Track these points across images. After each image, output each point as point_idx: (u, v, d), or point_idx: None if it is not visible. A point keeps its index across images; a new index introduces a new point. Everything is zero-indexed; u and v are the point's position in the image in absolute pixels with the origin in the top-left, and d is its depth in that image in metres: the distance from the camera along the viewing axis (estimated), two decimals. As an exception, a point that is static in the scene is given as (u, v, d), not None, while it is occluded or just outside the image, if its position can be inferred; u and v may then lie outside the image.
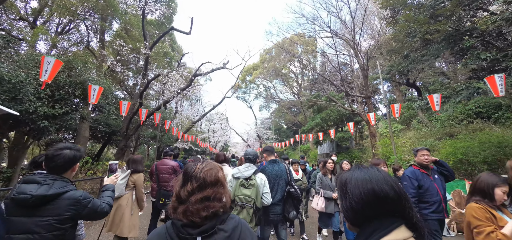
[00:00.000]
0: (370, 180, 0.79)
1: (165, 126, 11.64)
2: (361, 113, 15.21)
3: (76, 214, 1.51)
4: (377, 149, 14.29)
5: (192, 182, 1.03)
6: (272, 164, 3.20)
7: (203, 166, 1.08)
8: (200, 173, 1.05)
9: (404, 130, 17.41)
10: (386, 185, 0.77)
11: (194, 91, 19.00)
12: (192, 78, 11.75)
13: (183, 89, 11.75)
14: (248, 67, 29.51)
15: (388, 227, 0.73)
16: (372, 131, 14.67)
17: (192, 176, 1.05)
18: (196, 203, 0.97)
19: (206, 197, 1.00)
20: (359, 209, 0.79)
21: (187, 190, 1.01)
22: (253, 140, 35.77)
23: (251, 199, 2.55)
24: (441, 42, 7.15)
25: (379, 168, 0.88)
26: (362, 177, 0.82)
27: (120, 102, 7.96)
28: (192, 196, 1.00)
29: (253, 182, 2.66)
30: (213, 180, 1.05)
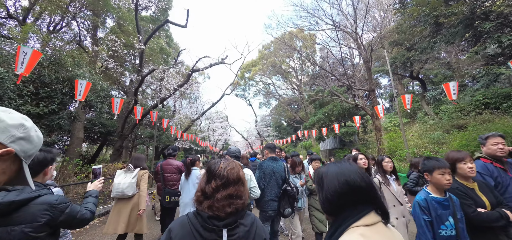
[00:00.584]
0: (343, 173, 0.89)
1: (163, 124, 11.04)
2: (365, 107, 14.67)
3: (52, 220, 1.37)
4: (382, 143, 13.75)
5: (216, 180, 1.08)
6: (271, 161, 3.25)
7: (226, 164, 1.14)
8: (224, 171, 1.10)
9: (408, 123, 16.89)
10: (357, 177, 0.86)
11: (192, 89, 18.38)
12: (189, 74, 11.13)
13: (180, 85, 11.12)
14: (247, 64, 28.85)
15: (359, 214, 0.82)
16: (377, 125, 14.12)
17: (216, 174, 1.10)
18: (222, 199, 1.04)
19: (230, 195, 1.06)
20: (334, 200, 0.87)
21: (212, 186, 1.07)
22: (253, 138, 35.23)
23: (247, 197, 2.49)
24: (457, 26, 6.59)
25: (351, 162, 0.97)
26: (336, 171, 0.91)
27: (112, 99, 7.35)
28: (218, 192, 1.05)
29: None
30: (235, 179, 1.11)
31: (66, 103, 6.59)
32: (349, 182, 0.85)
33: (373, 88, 14.55)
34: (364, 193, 0.85)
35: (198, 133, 30.38)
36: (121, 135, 10.52)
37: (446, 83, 6.69)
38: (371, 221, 0.81)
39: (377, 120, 14.30)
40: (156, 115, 9.90)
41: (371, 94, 14.51)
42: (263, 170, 3.15)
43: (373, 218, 0.82)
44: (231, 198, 1.05)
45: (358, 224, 0.80)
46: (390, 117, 17.78)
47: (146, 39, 10.19)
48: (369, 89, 14.68)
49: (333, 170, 0.92)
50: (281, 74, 27.39)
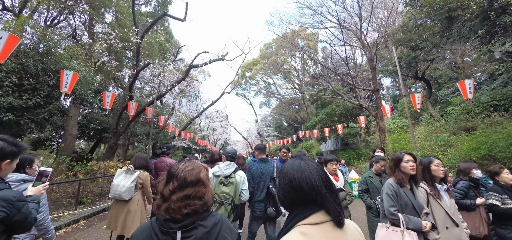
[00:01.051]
0: (290, 173, 0.89)
1: (160, 122, 10.56)
2: (368, 108, 14.16)
3: (8, 217, 1.29)
4: (386, 145, 13.23)
5: (174, 182, 1.07)
6: (260, 162, 3.23)
7: (185, 166, 1.11)
8: (181, 173, 1.08)
9: (413, 125, 16.34)
10: (301, 178, 0.86)
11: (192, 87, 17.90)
12: (188, 69, 10.63)
13: (178, 81, 10.64)
14: (247, 63, 28.35)
15: (307, 213, 0.83)
16: (381, 126, 13.62)
17: (173, 176, 1.09)
18: (177, 201, 1.02)
19: (187, 196, 1.04)
20: (283, 198, 0.91)
21: (169, 189, 1.05)
22: (254, 138, 34.74)
23: (229, 197, 2.56)
24: (474, 20, 6.09)
25: (305, 158, 0.95)
26: (287, 169, 0.92)
27: (103, 93, 6.86)
28: (174, 194, 1.04)
29: (233, 180, 2.68)
30: (193, 180, 1.08)
31: (53, 97, 6.10)
32: (292, 182, 0.87)
33: (377, 88, 14.05)
34: (306, 195, 0.85)
35: (198, 131, 29.91)
36: (115, 132, 10.05)
37: (461, 81, 6.19)
38: (318, 220, 0.82)
39: (381, 120, 13.79)
40: (152, 112, 9.42)
41: (376, 95, 14.00)
42: (251, 172, 3.16)
43: (320, 217, 0.82)
44: (189, 198, 1.04)
45: (304, 222, 0.82)
46: (393, 119, 17.27)
47: (143, 32, 9.71)
48: (373, 89, 14.18)
49: (285, 168, 0.94)
50: (282, 74, 26.88)
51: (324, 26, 14.86)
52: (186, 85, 17.78)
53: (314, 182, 0.84)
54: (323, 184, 0.85)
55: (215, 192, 2.58)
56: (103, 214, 6.03)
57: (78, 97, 6.70)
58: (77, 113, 11.10)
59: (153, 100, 10.17)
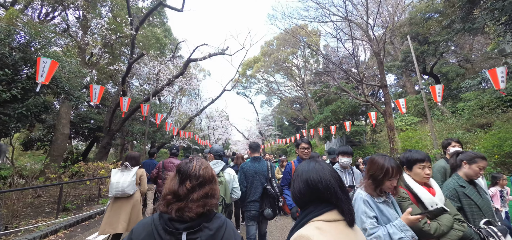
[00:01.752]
0: (305, 172, 0.94)
1: (156, 119, 9.83)
2: (376, 104, 13.40)
3: None
4: (396, 143, 12.48)
5: (192, 180, 1.03)
6: (252, 161, 3.15)
7: (200, 163, 1.10)
8: (199, 170, 1.06)
9: (420, 123, 15.59)
10: (316, 178, 0.90)
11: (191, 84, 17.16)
12: (186, 64, 9.91)
13: (176, 76, 9.91)
14: (248, 60, 27.59)
15: (321, 210, 0.87)
16: (389, 123, 12.85)
17: (191, 175, 1.05)
18: (198, 200, 0.99)
19: (206, 194, 1.03)
20: (298, 197, 0.95)
21: (187, 187, 1.01)
22: (255, 137, 34.00)
23: (220, 196, 2.20)
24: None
25: (319, 160, 1.00)
26: (302, 169, 0.97)
27: (90, 86, 6.12)
28: (194, 193, 1.01)
29: (222, 179, 2.53)
30: (210, 177, 1.08)
31: (32, 90, 5.36)
32: (308, 182, 0.91)
33: (385, 84, 13.28)
34: (321, 194, 0.88)
35: (198, 131, 29.18)
36: (109, 131, 9.32)
37: (492, 69, 5.44)
38: (332, 218, 0.85)
39: (390, 117, 13.03)
40: (147, 109, 8.68)
41: (384, 90, 13.23)
42: (244, 171, 3.07)
43: (334, 216, 0.86)
44: (207, 197, 1.03)
45: (318, 218, 0.85)
46: (401, 117, 16.49)
47: (139, 23, 8.97)
48: (381, 84, 13.42)
49: (300, 169, 0.99)
50: (284, 72, 26.12)
51: (330, 19, 14.09)
52: (186, 83, 17.06)
53: (329, 183, 0.89)
54: (337, 185, 0.90)
55: None
56: (89, 222, 5.29)
57: (62, 91, 5.96)
58: (69, 112, 10.38)
59: (149, 97, 9.43)
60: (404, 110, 10.37)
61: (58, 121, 9.89)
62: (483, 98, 12.20)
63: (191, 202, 0.98)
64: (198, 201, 0.99)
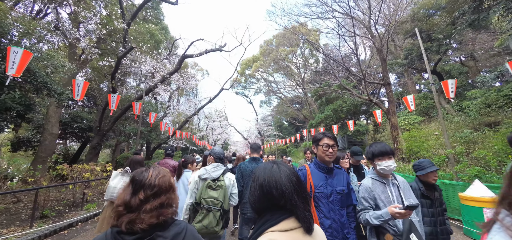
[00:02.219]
0: (260, 177, 0.87)
1: (150, 119, 9.27)
2: (379, 103, 12.90)
3: None
4: (400, 143, 11.97)
5: (146, 190, 0.97)
6: (251, 162, 3.13)
7: (156, 172, 1.04)
8: (154, 180, 1.00)
9: (424, 122, 15.10)
10: (272, 183, 0.83)
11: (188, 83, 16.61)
12: (181, 59, 9.36)
13: (171, 73, 9.37)
14: (247, 59, 27.05)
15: (277, 219, 0.80)
16: (393, 122, 12.34)
17: (145, 184, 0.98)
18: (151, 211, 0.92)
19: (161, 204, 0.96)
20: (254, 202, 0.87)
21: (140, 198, 0.94)
22: (254, 138, 33.46)
23: (218, 202, 2.21)
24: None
25: (279, 162, 0.92)
26: (258, 173, 0.90)
27: (73, 81, 5.56)
28: (147, 203, 0.94)
29: (221, 184, 2.34)
30: (167, 186, 1.02)
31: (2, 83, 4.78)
32: (262, 187, 0.85)
33: (388, 82, 12.78)
34: (276, 200, 0.82)
35: (196, 131, 28.60)
36: (99, 131, 8.75)
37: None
38: (288, 227, 0.79)
39: (394, 116, 12.52)
40: (140, 107, 8.12)
41: (387, 88, 12.72)
42: (241, 171, 3.07)
43: (290, 224, 0.80)
44: (162, 207, 0.96)
45: (273, 229, 0.79)
46: (403, 115, 15.99)
47: (131, 16, 8.42)
48: (384, 82, 12.91)
49: (257, 172, 0.92)
50: (283, 71, 25.60)
51: (332, 16, 13.56)
52: (183, 82, 16.50)
53: (284, 188, 0.82)
54: (294, 190, 0.83)
55: (202, 197, 2.24)
56: (68, 232, 4.71)
57: (43, 87, 5.39)
58: (59, 110, 9.80)
59: (142, 95, 8.87)
60: (412, 108, 9.89)
61: (47, 120, 9.32)
62: (490, 96, 11.72)
63: (144, 213, 0.91)
64: (152, 212, 0.92)
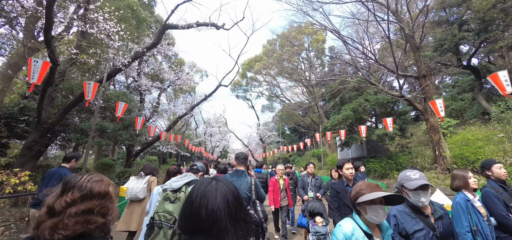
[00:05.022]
0: (194, 193, 0.75)
1: (117, 110, 6.45)
2: (411, 100, 10.09)
3: None
4: (443, 149, 9.07)
5: (74, 192, 0.81)
6: (232, 175, 2.69)
7: (91, 176, 0.89)
8: (86, 182, 0.85)
9: (458, 126, 12.25)
10: (203, 202, 0.70)
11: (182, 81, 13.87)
12: (162, 30, 6.66)
13: (148, 48, 6.65)
14: (249, 60, 24.53)
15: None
16: (432, 124, 9.49)
17: (75, 186, 0.83)
18: (76, 215, 0.76)
19: (90, 210, 0.80)
20: (182, 221, 0.75)
21: (66, 200, 0.79)
22: (255, 145, 30.47)
23: (171, 217, 1.71)
24: None
25: (221, 179, 0.80)
26: (193, 189, 0.78)
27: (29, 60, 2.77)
28: (72, 207, 0.77)
29: (181, 195, 1.81)
30: (101, 192, 0.86)
31: None
32: (192, 205, 0.73)
33: (424, 74, 10.02)
34: (204, 222, 0.68)
35: (194, 137, 25.68)
36: (38, 124, 5.90)
37: None
38: None
39: (433, 116, 9.64)
40: (94, 91, 5.31)
41: (423, 82, 9.95)
42: None
43: None
44: (91, 213, 0.79)
45: None
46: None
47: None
48: (419, 75, 10.15)
49: (194, 188, 0.79)
50: (287, 73, 22.97)
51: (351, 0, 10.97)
52: (175, 77, 13.77)
53: (215, 208, 0.68)
54: (227, 212, 0.69)
55: (156, 211, 1.75)
56: None
57: None
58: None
59: (102, 79, 6.08)
60: (442, 114, 6.78)
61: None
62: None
63: (68, 217, 0.74)
64: (77, 217, 0.75)
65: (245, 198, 2.47)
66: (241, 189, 2.53)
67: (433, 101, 6.19)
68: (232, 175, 2.67)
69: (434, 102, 6.15)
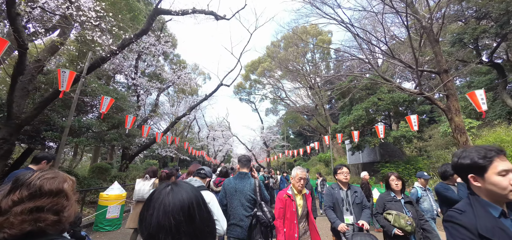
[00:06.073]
0: (152, 202, 0.63)
1: (101, 106, 5.61)
2: (432, 97, 8.97)
3: None
4: (471, 152, 7.88)
5: (22, 190, 0.75)
6: (237, 178, 2.63)
7: (43, 173, 0.81)
8: (36, 180, 0.77)
9: (482, 127, 11.04)
10: (154, 214, 0.60)
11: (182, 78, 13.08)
12: (152, 16, 5.85)
13: (137, 35, 5.83)
14: (253, 62, 23.77)
15: None
16: (458, 124, 8.29)
17: (24, 184, 0.76)
18: (22, 213, 0.70)
19: (38, 208, 0.73)
20: (142, 231, 0.63)
21: (13, 199, 0.73)
22: (259, 149, 29.39)
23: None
24: None
25: (181, 183, 0.69)
26: (152, 196, 0.66)
27: None
28: (19, 205, 0.71)
29: None
30: (53, 189, 0.79)
31: None
32: (142, 213, 0.63)
33: (445, 68, 8.94)
34: (152, 237, 0.58)
35: (196, 141, 24.84)
36: (8, 119, 5.09)
37: None
38: None
39: (458, 115, 8.42)
40: (69, 79, 4.48)
41: (444, 77, 8.85)
42: (224, 188, 2.60)
43: None
44: (40, 211, 0.72)
45: None
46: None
47: None
48: (440, 70, 9.07)
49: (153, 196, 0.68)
50: (291, 75, 22.06)
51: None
52: (177, 77, 13.00)
53: (161, 220, 0.57)
54: (179, 225, 0.57)
55: None
56: None
57: None
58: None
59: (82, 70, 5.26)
60: (484, 108, 5.62)
61: None
62: None
63: (14, 215, 0.69)
64: (24, 215, 0.69)
65: (250, 200, 2.46)
66: (245, 191, 2.49)
67: (472, 93, 5.14)
68: (236, 177, 2.63)
69: (473, 94, 5.10)
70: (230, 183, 2.57)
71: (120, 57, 9.99)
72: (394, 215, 2.42)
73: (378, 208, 2.70)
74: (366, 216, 2.54)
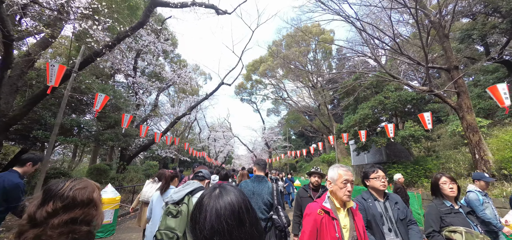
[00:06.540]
0: (202, 205, 0.64)
1: (95, 104, 5.26)
2: (441, 95, 8.56)
3: None
4: (484, 152, 7.48)
5: (56, 202, 0.75)
6: (253, 180, 2.60)
7: (74, 183, 0.82)
8: (69, 191, 0.78)
9: (490, 126, 10.60)
10: (205, 217, 0.61)
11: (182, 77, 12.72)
12: (150, 6, 5.50)
13: (133, 28, 5.47)
14: (254, 61, 23.43)
15: None
16: (470, 122, 7.90)
17: (56, 194, 0.77)
18: (59, 226, 0.72)
19: (73, 219, 0.75)
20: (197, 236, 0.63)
21: (47, 210, 0.74)
22: (260, 150, 29.00)
23: (173, 235, 1.41)
24: None
25: (226, 188, 0.68)
26: (199, 199, 0.69)
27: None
28: (54, 217, 0.73)
29: (182, 208, 1.53)
30: (85, 200, 0.80)
31: None
32: (193, 216, 0.65)
33: (456, 65, 8.54)
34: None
35: (197, 142, 24.46)
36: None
37: None
38: None
39: (470, 113, 8.03)
40: (59, 73, 4.12)
41: (454, 74, 8.45)
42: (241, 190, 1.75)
43: None
44: (74, 223, 0.75)
45: None
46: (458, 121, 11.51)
47: None
48: (450, 66, 8.67)
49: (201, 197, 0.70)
50: (293, 74, 21.70)
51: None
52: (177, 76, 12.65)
53: (214, 223, 0.59)
54: (231, 229, 0.58)
55: (158, 229, 1.47)
56: None
57: None
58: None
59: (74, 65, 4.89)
60: (507, 103, 5.23)
61: None
62: None
63: (51, 228, 0.70)
64: (61, 228, 0.71)
65: (267, 203, 2.47)
66: (263, 194, 2.50)
67: (494, 87, 4.72)
68: (253, 181, 2.62)
69: (495, 88, 4.69)
70: (248, 186, 2.56)
71: (118, 55, 9.67)
72: (464, 233, 1.65)
73: (431, 223, 1.84)
74: (418, 237, 1.76)
